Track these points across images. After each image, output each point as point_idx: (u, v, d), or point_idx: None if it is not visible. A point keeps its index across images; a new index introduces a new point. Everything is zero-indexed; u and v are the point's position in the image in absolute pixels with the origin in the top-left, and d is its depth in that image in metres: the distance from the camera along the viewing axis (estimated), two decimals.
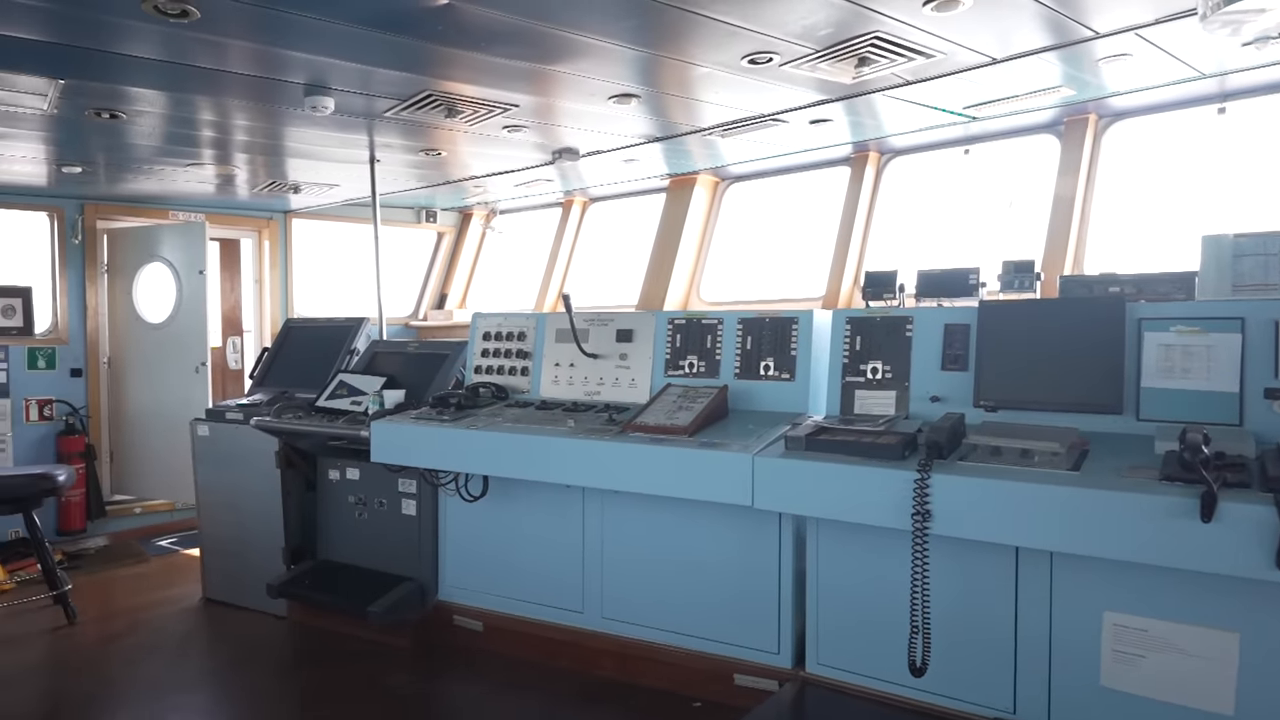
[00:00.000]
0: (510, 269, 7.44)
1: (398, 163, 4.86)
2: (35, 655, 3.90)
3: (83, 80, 3.11)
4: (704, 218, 5.84)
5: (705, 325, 3.36)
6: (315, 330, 4.78)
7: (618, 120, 3.95)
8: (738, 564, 3.05)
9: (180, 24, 2.50)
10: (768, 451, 2.63)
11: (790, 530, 2.95)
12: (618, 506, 3.33)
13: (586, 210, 6.70)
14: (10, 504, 4.15)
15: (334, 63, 2.98)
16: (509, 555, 3.63)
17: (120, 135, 4.02)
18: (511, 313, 3.95)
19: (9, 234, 5.82)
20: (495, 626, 3.67)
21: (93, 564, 5.34)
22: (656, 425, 2.93)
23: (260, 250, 6.65)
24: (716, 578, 3.11)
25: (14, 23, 2.54)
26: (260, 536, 4.26)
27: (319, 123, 3.83)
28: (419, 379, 4.05)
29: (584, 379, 3.61)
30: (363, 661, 3.69)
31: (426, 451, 3.37)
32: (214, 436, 4.41)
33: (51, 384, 5.68)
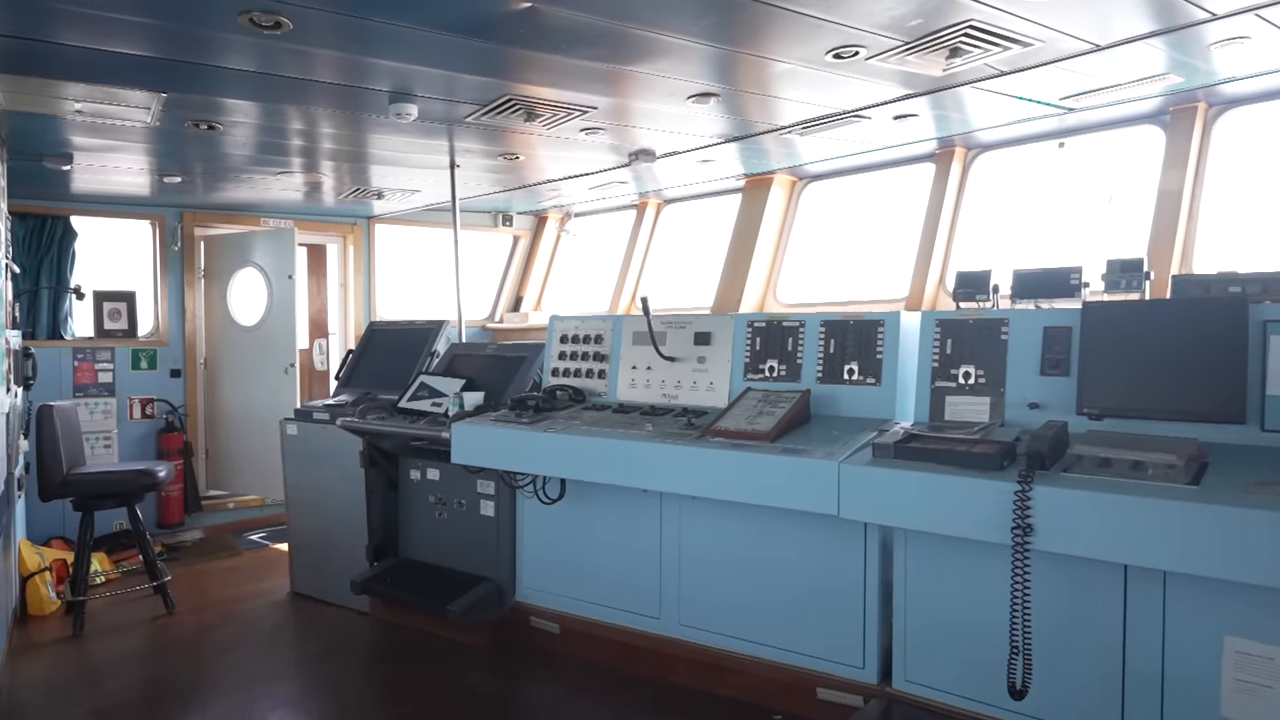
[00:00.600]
0: (584, 272, 7.47)
1: (476, 167, 4.93)
2: (138, 643, 4.10)
3: (183, 93, 3.25)
4: (781, 218, 5.73)
5: (786, 328, 3.28)
6: (397, 333, 4.88)
7: (695, 120, 3.90)
8: (820, 573, 2.96)
9: (273, 35, 2.58)
10: (854, 459, 2.54)
11: (876, 539, 2.85)
12: (695, 511, 3.28)
13: (661, 212, 6.67)
14: (116, 498, 4.37)
15: (418, 69, 3.02)
16: (585, 558, 3.62)
17: (216, 145, 4.20)
18: (588, 315, 3.95)
19: (116, 241, 6.16)
20: (571, 629, 3.67)
21: (189, 556, 5.60)
22: (737, 430, 2.87)
23: (345, 255, 6.85)
24: (797, 587, 3.02)
25: (123, 40, 2.67)
26: (345, 533, 4.38)
27: (402, 129, 3.90)
28: (497, 381, 4.09)
29: (661, 382, 3.57)
30: (442, 659, 3.74)
31: (505, 453, 3.39)
32: (302, 436, 4.55)
33: (153, 384, 5.98)
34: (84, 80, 3.06)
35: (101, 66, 2.91)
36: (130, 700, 3.42)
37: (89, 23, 2.51)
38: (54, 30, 2.59)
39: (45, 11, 2.43)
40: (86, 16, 2.46)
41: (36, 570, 4.49)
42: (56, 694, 3.49)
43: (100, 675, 3.72)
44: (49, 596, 4.50)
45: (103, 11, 2.42)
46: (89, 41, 2.68)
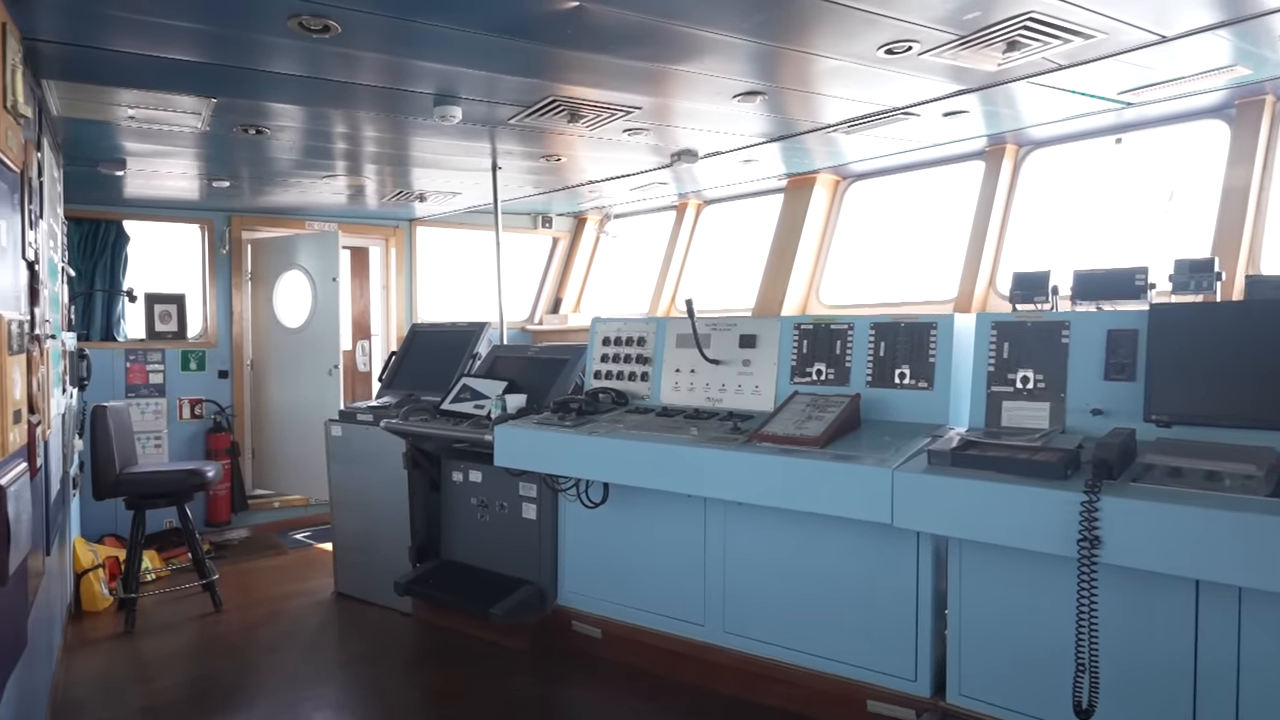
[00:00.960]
0: (623, 273, 7.45)
1: (517, 169, 4.93)
2: (187, 640, 4.16)
3: (233, 98, 3.29)
4: (824, 218, 5.64)
5: (834, 330, 3.21)
6: (439, 335, 4.90)
7: (738, 120, 3.85)
8: (869, 582, 2.89)
9: (322, 39, 2.59)
10: (908, 466, 2.47)
11: (929, 548, 2.76)
12: (741, 517, 3.22)
13: (701, 213, 6.62)
14: (166, 497, 4.45)
15: (462, 71, 3.02)
16: (628, 563, 3.59)
17: (263, 150, 4.25)
18: (631, 318, 3.91)
19: (166, 245, 6.28)
20: (614, 634, 3.63)
21: (236, 554, 5.68)
22: (786, 435, 2.81)
23: (387, 257, 6.92)
24: (846, 596, 2.95)
25: (176, 46, 2.70)
26: (388, 535, 4.40)
27: (445, 132, 3.91)
28: (539, 383, 4.08)
29: (705, 385, 3.52)
30: (484, 662, 3.73)
31: (549, 457, 3.37)
32: (346, 437, 4.59)
33: (201, 385, 6.09)
34: (137, 86, 3.11)
35: (154, 72, 2.95)
36: (179, 698, 3.47)
37: (143, 29, 2.54)
38: (108, 37, 2.63)
39: (100, 19, 2.47)
40: (140, 23, 2.49)
41: (90, 567, 4.59)
42: (109, 690, 3.56)
43: (151, 672, 3.78)
44: (102, 593, 4.60)
45: (156, 18, 2.45)
46: (142, 48, 2.71)
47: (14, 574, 2.00)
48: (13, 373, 1.97)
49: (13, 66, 1.93)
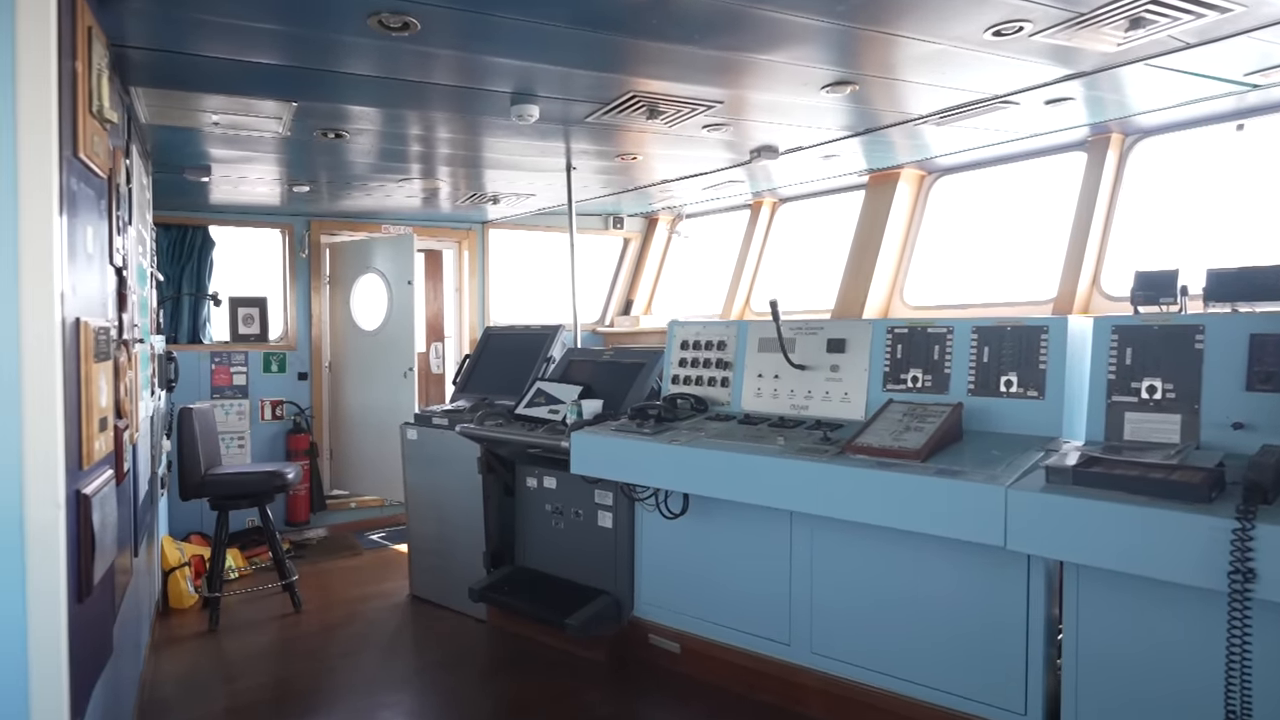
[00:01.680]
0: (696, 274, 7.31)
1: (590, 169, 4.84)
2: (268, 641, 4.20)
3: (312, 102, 3.28)
4: (908, 215, 5.39)
5: (932, 334, 3.01)
6: (513, 338, 4.85)
7: (822, 113, 3.66)
8: (973, 605, 2.68)
9: (401, 38, 2.53)
10: (1023, 484, 2.26)
11: (1041, 571, 2.55)
12: (830, 533, 3.05)
13: (776, 211, 6.43)
14: (248, 498, 4.51)
15: (541, 68, 2.93)
16: (709, 577, 3.45)
17: (342, 154, 4.26)
18: (711, 321, 3.78)
19: (249, 249, 6.43)
20: (693, 649, 3.50)
21: (314, 554, 5.76)
22: (882, 447, 2.62)
23: (460, 260, 6.94)
24: (946, 620, 2.75)
25: (259, 49, 2.69)
26: (462, 539, 4.37)
27: (520, 132, 3.84)
28: (614, 388, 3.97)
29: (790, 392, 3.35)
30: (559, 673, 3.64)
31: (627, 465, 3.25)
32: (422, 440, 4.58)
33: (282, 386, 6.21)
34: (221, 92, 3.13)
35: (238, 77, 2.96)
36: (260, 700, 3.49)
37: (227, 33, 2.53)
38: (193, 42, 2.64)
39: (185, 23, 2.47)
40: (224, 27, 2.48)
41: (177, 565, 4.70)
42: (193, 690, 3.60)
43: (233, 672, 3.82)
44: (188, 591, 4.70)
45: (240, 20, 2.43)
46: (227, 52, 2.71)
47: (100, 582, 1.99)
48: (99, 380, 1.95)
49: (99, 72, 1.92)
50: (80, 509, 1.83)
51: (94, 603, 1.96)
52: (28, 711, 1.60)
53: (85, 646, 1.92)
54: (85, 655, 1.93)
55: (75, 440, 1.82)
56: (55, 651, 1.63)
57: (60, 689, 1.63)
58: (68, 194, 1.76)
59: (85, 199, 1.93)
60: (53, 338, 1.62)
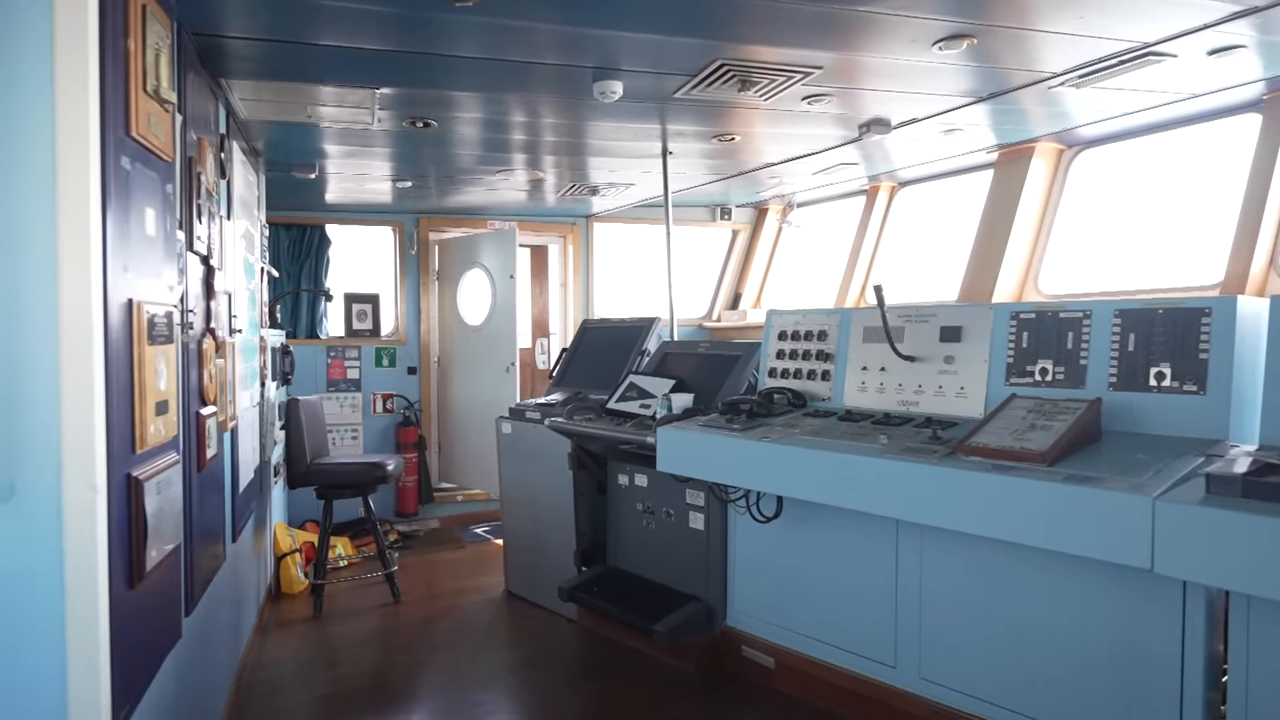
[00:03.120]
0: (808, 266, 6.95)
1: (690, 153, 4.63)
2: (367, 629, 4.25)
3: (397, 88, 3.24)
4: (1043, 194, 4.85)
5: (1065, 320, 2.61)
6: (609, 331, 4.72)
7: (937, 76, 3.29)
8: (1115, 637, 2.28)
9: (466, 7, 2.41)
10: (1176, 494, 1.87)
11: (1201, 600, 2.13)
12: (942, 544, 2.71)
13: (894, 196, 5.99)
14: (351, 488, 4.59)
15: (621, 36, 2.74)
16: (807, 587, 3.17)
17: (439, 145, 4.26)
18: (811, 309, 3.48)
19: (364, 247, 6.64)
20: (788, 665, 3.23)
21: (421, 545, 5.85)
22: (1000, 448, 2.27)
23: (565, 255, 6.90)
24: (1083, 650, 2.36)
25: (339, 32, 2.65)
26: (554, 536, 4.27)
27: (611, 113, 3.69)
28: (709, 382, 3.75)
29: (898, 386, 3.02)
30: (648, 682, 3.46)
31: (714, 463, 3.02)
32: (516, 434, 4.52)
33: (392, 380, 6.36)
34: (308, 80, 3.13)
35: (322, 64, 2.96)
36: (357, 688, 3.50)
37: (309, 15, 2.50)
38: (276, 27, 2.63)
39: (270, 8, 2.45)
40: (308, 9, 2.45)
41: (288, 551, 4.85)
42: (291, 675, 3.66)
43: (332, 659, 3.87)
44: (298, 576, 4.84)
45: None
46: (311, 37, 2.70)
47: (158, 567, 1.97)
48: (156, 363, 1.93)
49: (154, 50, 1.90)
50: (131, 493, 1.80)
51: (151, 588, 1.94)
52: (65, 693, 1.57)
53: (141, 631, 1.90)
54: (142, 639, 1.91)
55: (126, 423, 1.79)
56: (93, 634, 1.59)
57: (97, 670, 1.59)
58: (117, 171, 1.73)
59: (144, 179, 1.90)
60: (90, 316, 1.58)
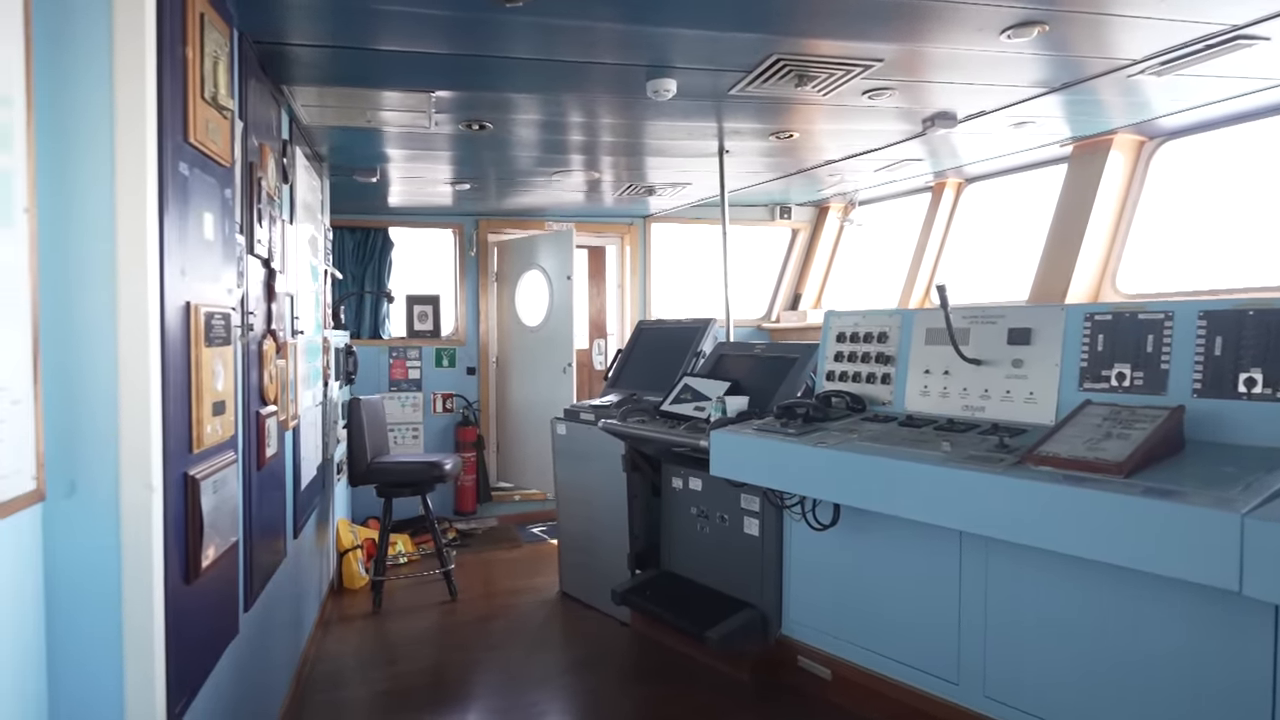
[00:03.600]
0: (870, 266, 6.77)
1: (747, 151, 4.55)
2: (424, 626, 4.30)
3: (452, 91, 3.26)
4: (1122, 189, 4.61)
5: (1144, 321, 2.45)
6: (664, 332, 4.68)
7: (1006, 66, 3.14)
8: (1196, 662, 2.14)
9: (516, 8, 2.40)
10: (1268, 511, 1.73)
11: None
12: (1008, 556, 2.58)
13: (961, 193, 5.78)
14: (409, 486, 4.66)
15: (674, 33, 2.70)
16: (865, 597, 3.07)
17: (497, 148, 4.28)
18: (871, 310, 3.37)
19: (425, 249, 6.75)
20: (846, 678, 3.13)
21: (478, 544, 5.91)
22: (1072, 458, 2.15)
23: (622, 255, 6.88)
24: (1159, 674, 2.21)
25: (398, 35, 2.68)
26: (608, 538, 4.25)
27: (666, 112, 3.64)
28: (765, 384, 3.67)
29: (962, 390, 2.90)
30: (701, 689, 3.41)
31: (768, 468, 2.95)
32: (570, 435, 4.51)
33: (451, 380, 6.45)
34: (365, 85, 3.18)
35: (378, 68, 2.99)
36: (414, 685, 3.55)
37: (374, 20, 2.54)
38: (338, 33, 2.67)
39: (329, 14, 2.49)
40: (365, 13, 2.48)
41: (350, 547, 4.95)
42: (351, 669, 3.73)
43: (391, 654, 3.94)
44: (359, 572, 4.94)
45: (380, 5, 2.41)
46: (368, 42, 2.74)
47: (214, 564, 2.01)
48: (213, 365, 1.97)
49: (213, 57, 1.94)
50: (188, 492, 1.84)
51: (208, 584, 1.98)
52: (122, 685, 1.60)
53: (199, 626, 1.94)
54: (199, 634, 1.95)
55: (184, 424, 1.83)
56: (149, 628, 1.62)
57: (153, 663, 1.63)
58: (175, 177, 1.77)
59: (202, 185, 1.95)
60: (147, 319, 1.61)
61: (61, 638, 1.56)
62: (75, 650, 1.57)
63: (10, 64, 1.38)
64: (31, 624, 1.49)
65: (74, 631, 1.57)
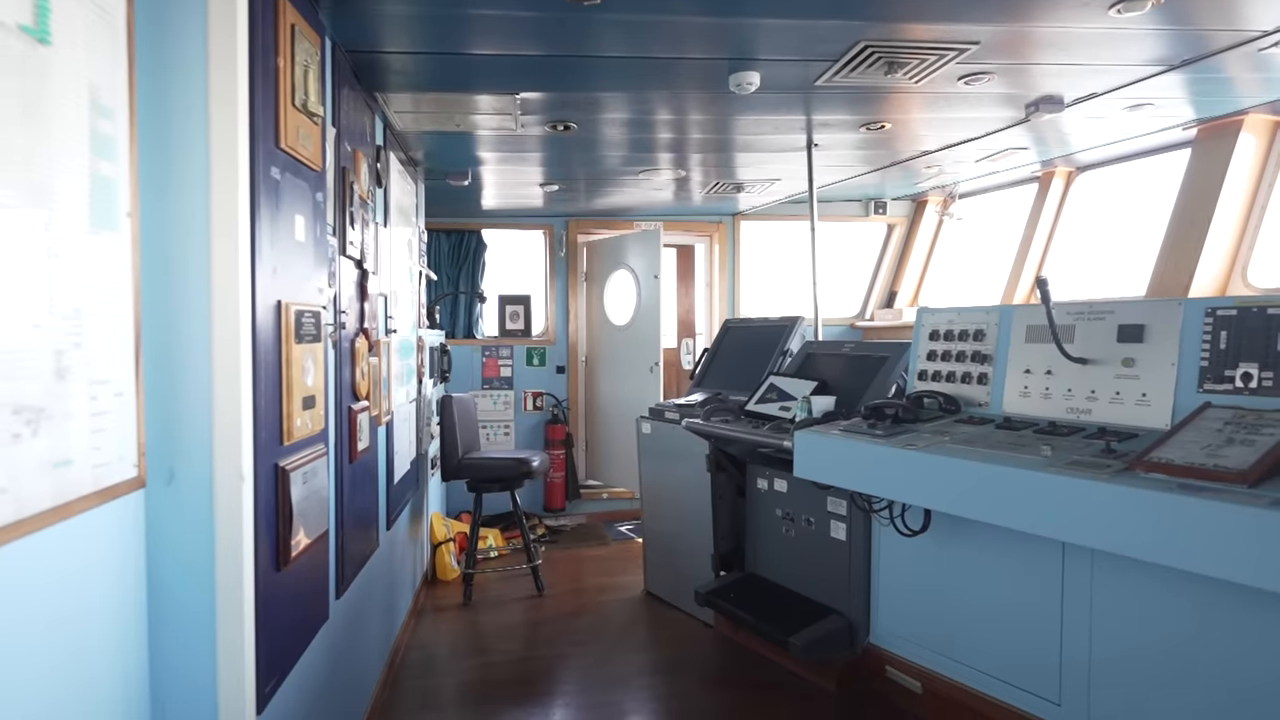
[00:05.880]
0: (972, 261, 6.47)
1: (838, 145, 4.42)
2: (510, 621, 4.38)
3: (536, 92, 3.31)
4: (1254, 173, 4.22)
5: (1274, 317, 2.23)
6: (751, 330, 4.60)
7: (1117, 43, 2.92)
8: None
9: (594, 6, 2.40)
10: None
11: None
12: (1117, 570, 2.40)
13: (1072, 182, 5.45)
14: (498, 482, 4.76)
15: (756, 23, 2.64)
16: (959, 608, 2.92)
17: (584, 148, 4.31)
18: (966, 307, 3.21)
19: (517, 250, 6.90)
20: (937, 692, 2.99)
21: (566, 540, 5.98)
22: (1189, 465, 1.97)
23: (711, 254, 6.83)
24: (1278, 702, 2.01)
25: (475, 39, 2.73)
26: (693, 538, 4.22)
27: (751, 106, 3.58)
28: (854, 384, 3.56)
29: (1066, 391, 2.72)
30: (785, 699, 3.33)
31: (853, 471, 2.85)
32: (655, 434, 4.50)
33: (541, 379, 6.56)
34: (462, 90, 3.25)
35: (471, 72, 3.06)
36: (500, 677, 3.62)
37: (459, 26, 2.60)
38: (420, 39, 2.75)
39: (409, 22, 2.56)
40: (444, 20, 2.54)
41: (443, 540, 5.10)
42: (440, 659, 3.84)
43: (480, 645, 4.02)
44: (451, 565, 5.09)
45: (457, 9, 2.46)
46: (464, 47, 2.80)
47: (305, 551, 2.10)
48: (303, 361, 2.06)
49: (303, 66, 2.02)
50: (279, 483, 1.93)
51: (298, 570, 2.06)
52: (215, 664, 1.69)
53: (290, 611, 2.03)
54: (291, 618, 2.04)
55: (275, 417, 1.91)
56: (239, 610, 1.70)
57: (243, 644, 1.71)
58: (266, 181, 1.85)
59: (293, 188, 2.03)
60: (239, 316, 1.70)
61: (161, 616, 1.66)
62: (173, 628, 1.67)
63: (115, 80, 1.47)
64: (134, 602, 1.59)
65: (172, 610, 1.66)
